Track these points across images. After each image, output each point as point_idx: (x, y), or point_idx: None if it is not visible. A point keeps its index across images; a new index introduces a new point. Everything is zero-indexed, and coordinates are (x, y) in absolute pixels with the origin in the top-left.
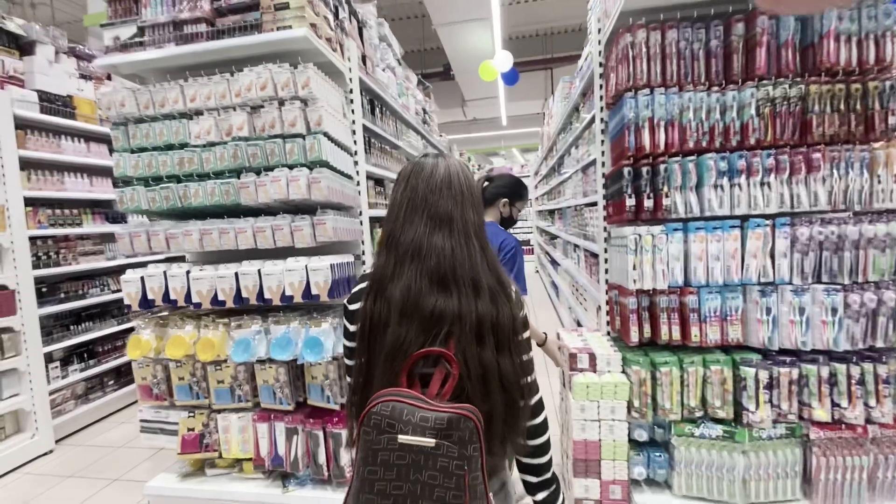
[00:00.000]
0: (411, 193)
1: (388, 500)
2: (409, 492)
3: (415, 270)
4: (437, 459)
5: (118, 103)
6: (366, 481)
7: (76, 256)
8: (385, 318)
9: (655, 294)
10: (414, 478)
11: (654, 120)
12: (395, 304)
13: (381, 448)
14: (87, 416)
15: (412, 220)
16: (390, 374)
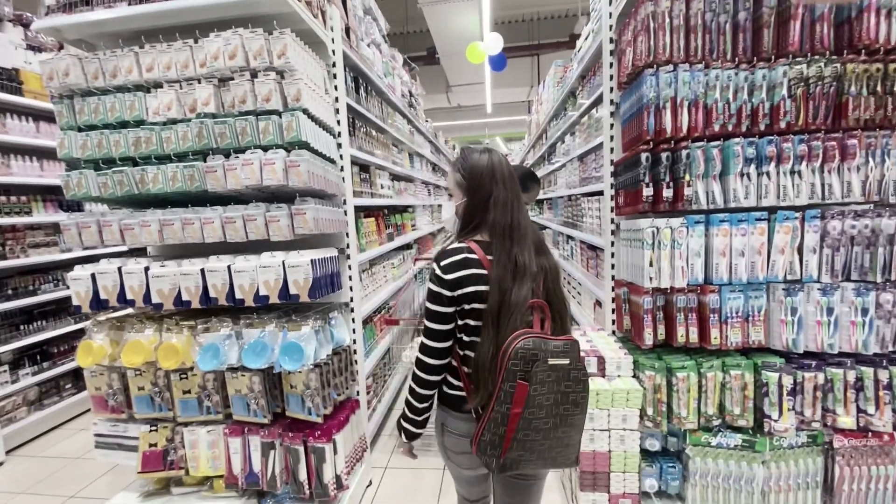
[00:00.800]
0: (500, 182)
1: (543, 411)
2: (555, 401)
3: (518, 243)
4: (570, 373)
5: (61, 72)
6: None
7: (25, 248)
8: (507, 281)
9: (672, 293)
10: (557, 388)
11: (678, 100)
12: (513, 269)
13: (538, 371)
14: (41, 424)
15: (504, 204)
16: (514, 322)
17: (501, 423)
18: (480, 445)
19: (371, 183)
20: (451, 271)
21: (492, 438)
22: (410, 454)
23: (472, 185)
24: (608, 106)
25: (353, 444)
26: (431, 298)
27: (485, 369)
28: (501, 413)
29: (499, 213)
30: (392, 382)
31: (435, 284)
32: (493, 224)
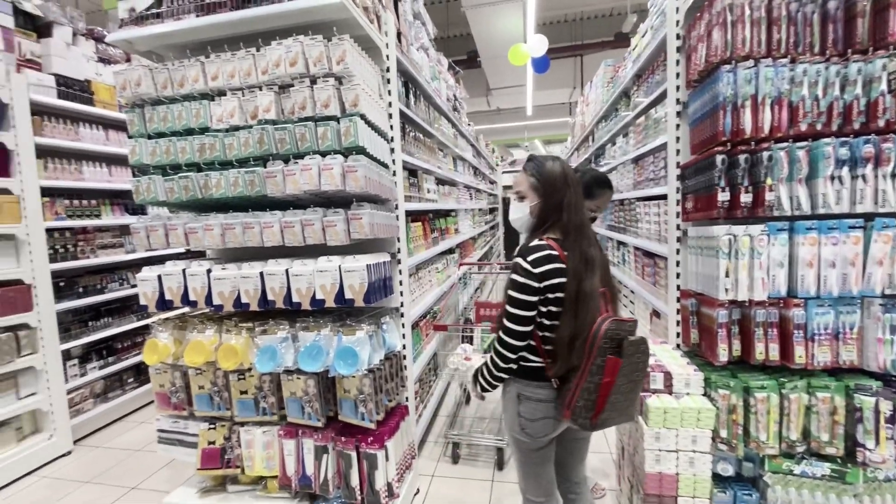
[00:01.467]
0: (571, 186)
1: (625, 378)
2: (631, 370)
3: (586, 240)
4: (641, 347)
5: (133, 82)
6: (622, 369)
7: (95, 249)
8: (581, 272)
9: (751, 306)
10: (632, 360)
11: (759, 97)
12: (585, 263)
13: (628, 347)
14: (106, 416)
15: (576, 206)
16: (589, 307)
17: (594, 391)
18: (575, 410)
19: (419, 187)
20: (539, 265)
21: (585, 404)
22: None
23: (548, 189)
24: (674, 105)
25: (403, 450)
26: (519, 288)
27: (563, 347)
28: (594, 383)
29: (571, 214)
30: (437, 388)
31: (522, 276)
32: (566, 223)
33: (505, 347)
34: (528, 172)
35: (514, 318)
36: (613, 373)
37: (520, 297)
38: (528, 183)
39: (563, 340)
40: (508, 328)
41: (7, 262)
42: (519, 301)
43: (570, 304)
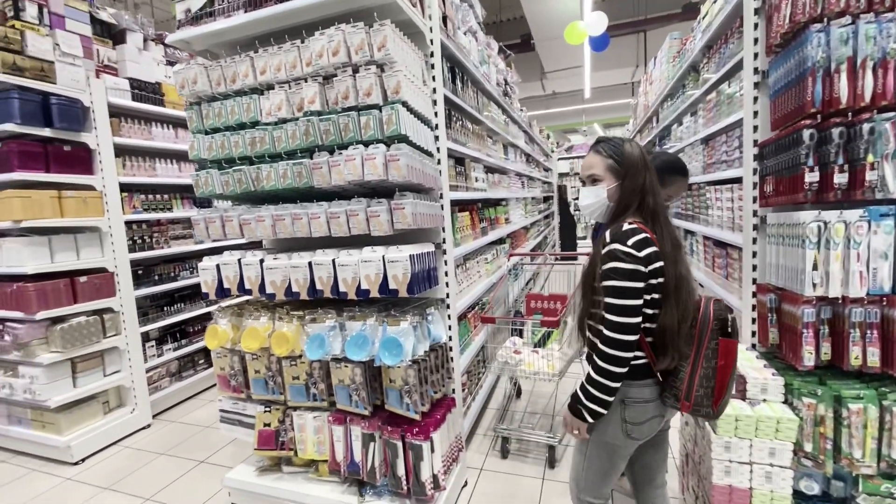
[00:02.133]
0: (650, 169)
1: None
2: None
3: (668, 222)
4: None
5: (191, 80)
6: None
7: (168, 240)
8: (673, 255)
9: (845, 303)
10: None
11: (857, 60)
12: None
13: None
14: (180, 393)
15: (656, 188)
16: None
17: (712, 377)
18: (696, 400)
19: (466, 176)
20: (642, 248)
21: (705, 392)
22: (586, 433)
23: (630, 171)
24: (751, 76)
25: (450, 443)
26: (627, 276)
27: (673, 335)
28: (711, 368)
29: (654, 197)
30: (486, 381)
31: (629, 262)
32: (649, 207)
33: (618, 348)
34: (603, 154)
35: (625, 309)
36: (730, 354)
37: (628, 286)
38: (605, 165)
39: (671, 328)
40: (619, 324)
41: (93, 251)
42: (628, 290)
43: (671, 288)
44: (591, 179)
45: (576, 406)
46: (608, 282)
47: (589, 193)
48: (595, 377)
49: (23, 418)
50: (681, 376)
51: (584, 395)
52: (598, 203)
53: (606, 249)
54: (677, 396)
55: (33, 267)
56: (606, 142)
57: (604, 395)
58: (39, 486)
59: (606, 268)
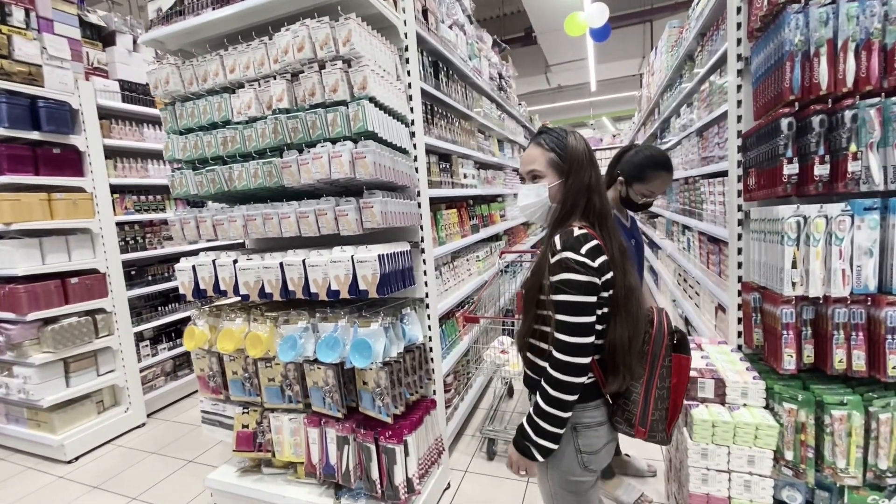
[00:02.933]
0: (596, 165)
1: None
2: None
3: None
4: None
5: (163, 80)
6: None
7: (161, 241)
8: (622, 265)
9: (828, 303)
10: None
11: (838, 42)
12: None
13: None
14: (175, 392)
15: (602, 188)
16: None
17: (666, 397)
18: (652, 425)
19: (452, 172)
20: (595, 256)
21: (660, 415)
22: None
23: (574, 167)
24: (734, 63)
25: (428, 445)
26: (579, 289)
27: (625, 353)
28: (666, 388)
29: (598, 197)
30: (477, 381)
31: (582, 274)
32: (595, 208)
33: (571, 373)
34: (545, 146)
35: (579, 328)
36: (683, 372)
37: (582, 301)
38: (547, 159)
39: (621, 346)
40: (572, 345)
41: (84, 253)
42: (582, 305)
43: (621, 301)
44: (531, 175)
45: (523, 443)
46: (559, 296)
47: (529, 192)
48: (544, 408)
49: (20, 417)
50: (633, 398)
51: (532, 430)
52: (539, 203)
53: (557, 258)
54: (630, 421)
55: (24, 269)
56: (548, 133)
57: (555, 427)
58: (32, 483)
59: (557, 279)
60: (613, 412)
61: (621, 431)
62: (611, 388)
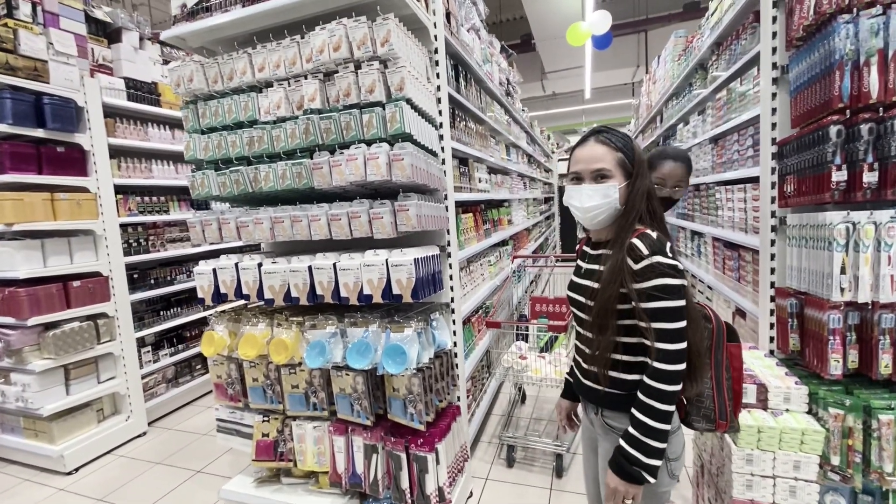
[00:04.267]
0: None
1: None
2: None
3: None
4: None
5: (186, 78)
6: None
7: (164, 243)
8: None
9: (874, 309)
10: None
11: (889, 52)
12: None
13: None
14: (177, 399)
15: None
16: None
17: (729, 388)
18: (730, 417)
19: (469, 177)
20: (677, 259)
21: (730, 405)
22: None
23: (640, 170)
24: (769, 71)
25: (455, 453)
26: (676, 294)
27: (700, 352)
28: (729, 378)
29: (657, 202)
30: (490, 386)
31: (676, 278)
32: (656, 214)
33: (677, 381)
34: (611, 145)
35: (681, 334)
36: (738, 360)
37: (680, 305)
38: (615, 159)
39: (696, 346)
40: (678, 352)
41: (87, 255)
42: (681, 310)
43: (690, 302)
44: (596, 175)
45: (631, 469)
46: (656, 303)
47: (594, 192)
48: (653, 425)
49: (15, 427)
50: (707, 394)
51: (640, 453)
52: (607, 204)
53: (647, 263)
54: (710, 417)
55: (26, 271)
56: (612, 132)
57: (663, 443)
58: (31, 496)
59: (651, 286)
60: (688, 412)
61: (700, 429)
62: (691, 392)
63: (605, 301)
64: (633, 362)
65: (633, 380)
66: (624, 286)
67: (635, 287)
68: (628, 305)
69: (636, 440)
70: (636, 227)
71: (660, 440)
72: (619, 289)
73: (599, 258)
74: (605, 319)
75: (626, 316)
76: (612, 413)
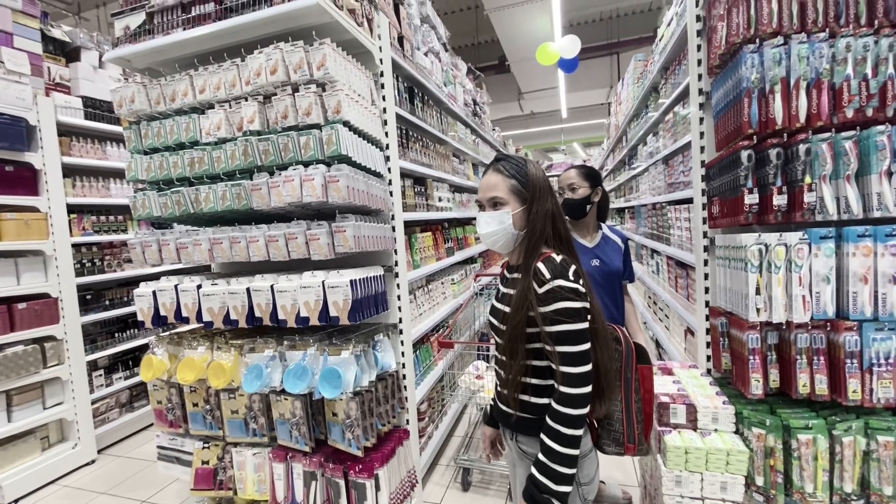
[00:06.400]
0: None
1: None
2: None
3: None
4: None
5: (128, 99)
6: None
7: (121, 263)
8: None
9: (790, 329)
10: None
11: (791, 80)
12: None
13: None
14: (131, 425)
15: (562, 218)
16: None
17: (639, 410)
18: (638, 439)
19: (427, 196)
20: (578, 280)
21: (641, 428)
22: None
23: (537, 195)
24: (696, 97)
25: (400, 479)
26: (577, 317)
27: (608, 374)
28: (639, 401)
29: (562, 225)
30: (451, 408)
31: (577, 301)
32: (561, 236)
33: (583, 405)
34: (504, 173)
35: (584, 357)
36: (649, 382)
37: (583, 328)
38: (508, 186)
39: (605, 367)
40: (582, 375)
41: (35, 276)
42: (583, 332)
43: (599, 323)
44: (492, 202)
45: (542, 497)
46: (559, 326)
47: (490, 219)
48: (561, 451)
49: None
50: (616, 417)
51: (550, 480)
52: (502, 230)
53: (549, 287)
54: (619, 441)
55: None
56: (506, 160)
57: (571, 468)
58: None
59: (552, 309)
60: (600, 435)
61: (610, 453)
62: (600, 412)
63: (515, 325)
64: (542, 386)
65: (543, 404)
66: (531, 310)
67: (540, 311)
68: (536, 329)
69: (545, 467)
70: (542, 251)
71: (569, 466)
72: (528, 312)
73: (512, 282)
74: (516, 343)
75: (534, 339)
76: (525, 438)
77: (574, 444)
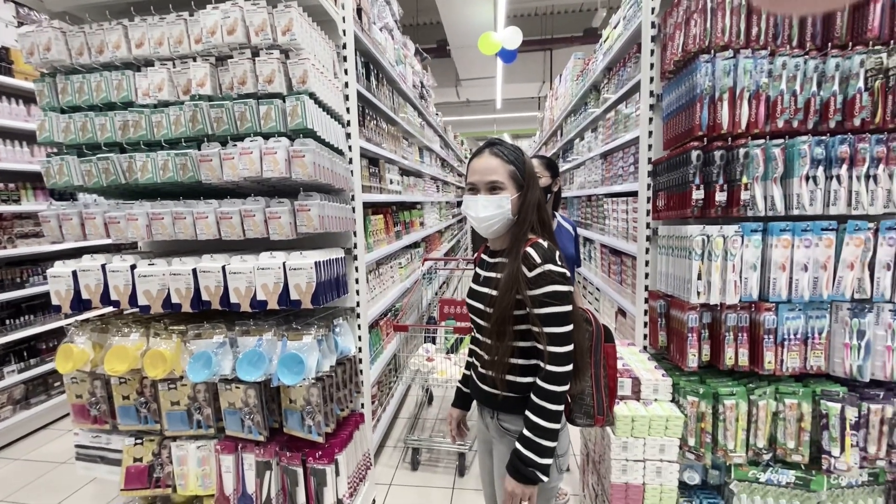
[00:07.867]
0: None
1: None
2: None
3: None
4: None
5: (42, 46)
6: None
7: (13, 238)
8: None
9: (722, 309)
10: None
11: (737, 90)
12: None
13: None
14: (28, 423)
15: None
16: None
17: (606, 385)
18: (606, 413)
19: (380, 178)
20: (563, 266)
21: (607, 401)
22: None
23: (530, 182)
24: (647, 98)
25: (357, 462)
26: (564, 299)
27: (582, 353)
28: (605, 376)
29: (545, 213)
30: (397, 390)
31: (564, 284)
32: (545, 223)
33: (565, 382)
34: (504, 158)
35: (569, 337)
36: (614, 359)
37: (568, 310)
38: (507, 172)
39: (580, 346)
40: (566, 354)
41: None
42: (569, 315)
43: (574, 305)
44: (489, 187)
45: (527, 471)
46: (548, 308)
47: (489, 203)
48: (546, 425)
49: None
50: (587, 392)
51: (535, 454)
52: (501, 215)
53: (539, 271)
54: (590, 413)
55: None
56: (504, 145)
57: (554, 441)
58: None
59: (542, 292)
60: (572, 410)
61: (581, 425)
62: (575, 389)
63: (504, 308)
64: (527, 365)
65: (527, 382)
66: (519, 293)
67: (529, 294)
68: (523, 311)
69: (530, 441)
70: (529, 237)
71: (551, 439)
72: (516, 296)
73: (496, 266)
74: (504, 325)
75: (521, 321)
76: (508, 416)
77: (556, 419)
